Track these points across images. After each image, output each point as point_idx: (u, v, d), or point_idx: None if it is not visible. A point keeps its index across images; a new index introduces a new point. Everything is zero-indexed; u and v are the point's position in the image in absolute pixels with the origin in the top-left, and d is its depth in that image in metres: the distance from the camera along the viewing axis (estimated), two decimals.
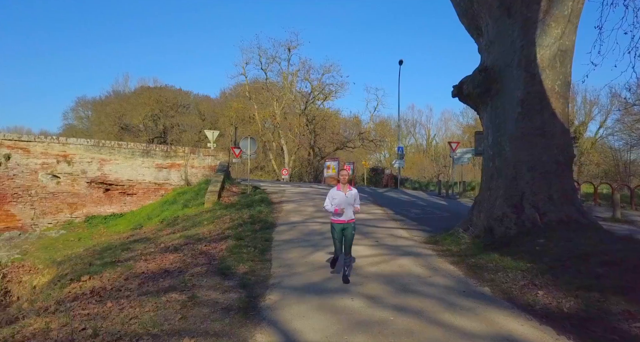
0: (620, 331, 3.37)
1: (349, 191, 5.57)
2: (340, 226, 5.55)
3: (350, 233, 5.57)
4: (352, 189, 5.64)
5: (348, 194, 5.53)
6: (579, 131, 38.64)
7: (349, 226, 5.57)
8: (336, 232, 5.56)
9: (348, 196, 5.52)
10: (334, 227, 5.58)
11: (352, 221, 5.60)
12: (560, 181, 6.81)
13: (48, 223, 16.71)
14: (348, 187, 5.63)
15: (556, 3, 6.64)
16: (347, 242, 5.56)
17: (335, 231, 5.57)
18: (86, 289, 6.24)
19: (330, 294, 5.00)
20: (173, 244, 8.92)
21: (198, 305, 4.67)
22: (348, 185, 5.67)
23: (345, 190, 5.57)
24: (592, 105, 37.99)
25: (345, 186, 5.62)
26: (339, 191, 5.57)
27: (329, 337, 3.72)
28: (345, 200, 5.48)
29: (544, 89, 6.77)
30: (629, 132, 28.15)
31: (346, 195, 5.51)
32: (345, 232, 5.56)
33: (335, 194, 5.57)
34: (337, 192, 5.57)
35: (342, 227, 5.55)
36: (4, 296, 9.15)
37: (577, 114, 39.95)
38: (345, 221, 5.54)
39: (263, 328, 4.00)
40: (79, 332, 3.84)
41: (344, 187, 5.60)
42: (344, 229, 5.55)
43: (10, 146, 16.29)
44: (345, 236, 5.57)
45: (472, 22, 7.76)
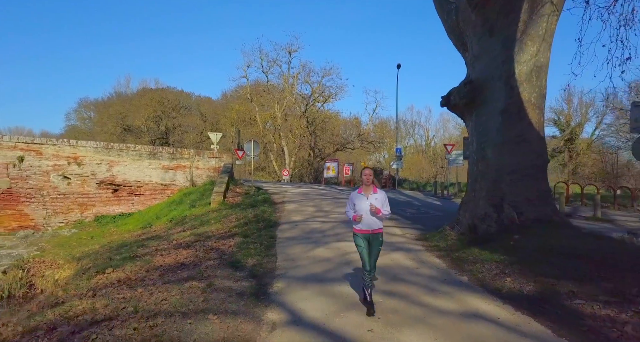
0: (563, 306, 4.19)
1: (372, 194, 4.68)
2: (365, 236, 4.66)
3: (376, 248, 4.68)
4: (377, 192, 4.73)
5: (372, 198, 4.64)
6: (575, 132, 39.49)
7: (375, 238, 4.66)
8: (362, 242, 4.70)
9: (372, 200, 4.62)
10: (358, 237, 4.71)
11: (379, 230, 4.67)
12: (536, 183, 7.62)
13: (59, 222, 17.53)
14: (373, 189, 4.74)
15: (532, 24, 7.45)
16: (372, 257, 4.69)
17: (360, 240, 4.71)
18: (112, 279, 7.05)
19: (330, 283, 5.81)
20: (185, 241, 9.73)
21: (216, 291, 5.48)
22: (373, 187, 4.77)
23: (369, 193, 4.69)
24: (588, 107, 38.82)
25: (369, 188, 4.74)
26: (361, 194, 4.71)
27: (327, 315, 4.53)
28: (367, 205, 4.60)
29: (522, 100, 7.58)
30: (616, 134, 29.00)
31: (368, 199, 4.64)
32: (371, 244, 4.67)
33: (357, 199, 4.71)
34: (359, 195, 4.72)
35: (368, 237, 4.66)
36: (29, 289, 9.95)
37: (573, 115, 40.81)
38: (369, 231, 4.62)
39: (273, 308, 4.80)
40: (121, 309, 4.65)
41: (367, 190, 4.73)
42: (369, 239, 4.67)
43: (24, 148, 17.12)
44: (371, 249, 4.68)
45: (458, 38, 8.57)
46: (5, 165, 16.74)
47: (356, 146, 36.58)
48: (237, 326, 4.25)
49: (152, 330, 4.07)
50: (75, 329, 4.16)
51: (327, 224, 10.68)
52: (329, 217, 11.93)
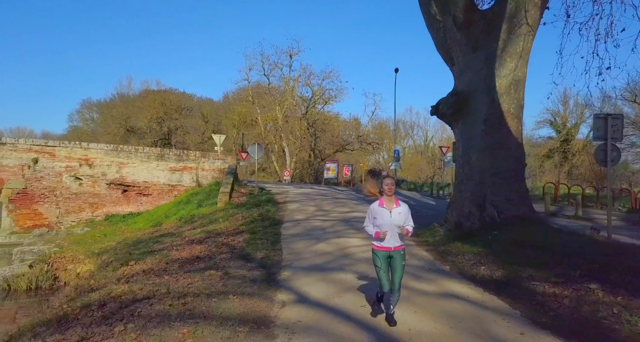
0: (522, 287, 5.14)
1: (395, 208, 4.26)
2: (385, 253, 4.27)
3: (400, 264, 4.27)
4: (400, 205, 4.30)
5: (394, 212, 4.23)
6: (571, 133, 40.44)
7: (396, 254, 4.27)
8: (380, 262, 4.28)
9: (394, 215, 4.22)
10: (377, 254, 4.32)
11: (400, 247, 4.29)
12: (515, 185, 8.57)
13: (71, 221, 18.47)
14: (395, 201, 4.31)
15: (510, 42, 8.39)
16: (396, 275, 4.27)
17: (379, 259, 4.30)
18: (137, 270, 7.97)
19: (329, 272, 6.74)
20: (197, 237, 10.66)
21: (232, 278, 6.41)
22: (395, 199, 4.33)
23: (391, 206, 4.27)
24: (584, 108, 39.73)
25: (391, 200, 4.29)
26: (383, 207, 4.27)
27: (328, 296, 5.46)
28: (391, 220, 4.20)
29: (502, 111, 8.52)
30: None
31: (392, 213, 4.23)
32: (392, 262, 4.28)
33: (377, 212, 4.28)
34: (380, 209, 4.28)
35: (388, 255, 4.27)
36: (54, 281, 10.89)
37: (569, 116, 41.78)
38: (391, 248, 4.25)
39: (282, 291, 5.74)
40: (155, 291, 5.59)
41: (389, 203, 4.28)
42: (390, 257, 4.28)
43: (38, 151, 18.06)
44: (393, 268, 4.29)
45: (446, 53, 9.51)
46: (20, 167, 17.69)
47: (355, 147, 37.58)
48: (254, 304, 5.18)
49: (184, 306, 5.01)
50: (122, 305, 5.10)
51: (327, 223, 11.61)
52: (329, 216, 12.86)
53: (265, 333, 4.24)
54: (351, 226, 10.80)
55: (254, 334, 4.19)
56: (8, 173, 17.47)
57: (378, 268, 4.35)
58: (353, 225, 10.99)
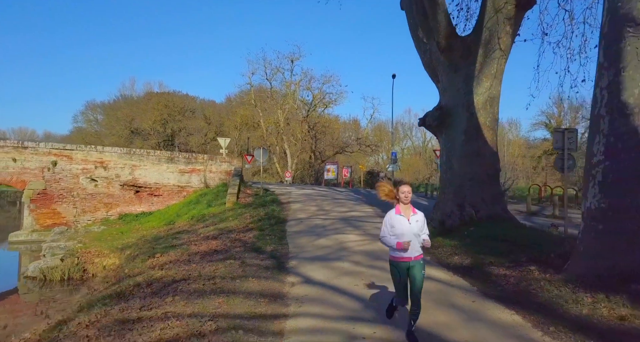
0: (483, 271, 6.53)
1: (413, 216, 4.15)
2: (405, 265, 4.10)
3: (420, 274, 4.10)
4: (417, 213, 4.21)
5: (412, 220, 4.11)
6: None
7: (416, 264, 4.11)
8: (399, 273, 4.15)
9: (413, 223, 4.10)
10: (395, 266, 4.17)
11: (419, 257, 4.15)
12: (490, 188, 9.97)
13: (87, 220, 19.86)
14: (412, 209, 4.21)
15: (486, 65, 9.78)
16: (416, 287, 4.08)
17: (397, 271, 4.16)
18: (163, 261, 9.34)
19: (330, 261, 8.12)
20: (211, 234, 12.03)
21: (248, 266, 7.79)
22: (412, 207, 4.23)
23: (409, 214, 4.15)
24: (578, 110, 41.16)
25: (407, 207, 4.17)
26: (400, 215, 4.13)
27: (328, 278, 6.83)
28: (410, 229, 4.07)
29: (479, 124, 9.91)
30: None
31: (410, 221, 4.10)
32: (412, 272, 4.09)
33: (395, 221, 4.12)
34: (398, 217, 4.12)
35: (407, 266, 4.10)
36: (83, 273, 12.26)
37: (563, 119, 43.16)
38: (411, 259, 4.09)
39: (290, 275, 7.12)
40: (188, 275, 6.98)
41: (406, 211, 4.16)
42: (409, 268, 4.10)
43: (57, 154, 19.46)
44: (412, 278, 4.10)
45: (432, 72, 10.90)
46: (41, 169, 19.09)
47: (355, 149, 38.99)
48: (269, 284, 6.56)
49: (214, 285, 6.39)
50: (165, 284, 6.49)
51: (328, 221, 13.00)
52: (329, 215, 14.25)
53: (280, 303, 5.63)
54: (349, 224, 12.18)
55: (273, 303, 5.58)
56: (29, 175, 18.88)
57: (397, 282, 4.19)
58: (351, 223, 12.38)
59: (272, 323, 4.80)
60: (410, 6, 10.72)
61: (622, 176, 4.97)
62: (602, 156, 5.17)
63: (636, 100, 4.87)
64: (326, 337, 4.36)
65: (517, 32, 9.94)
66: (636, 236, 4.76)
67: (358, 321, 4.81)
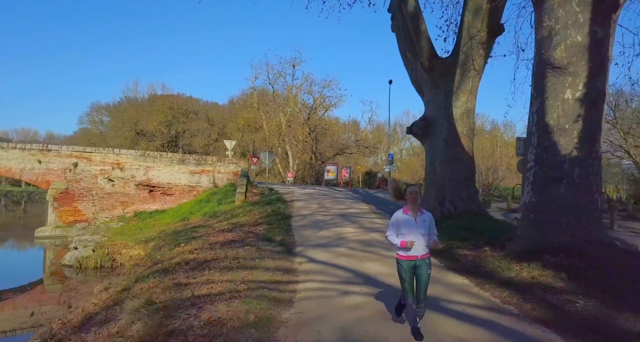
0: (452, 253, 8.38)
1: (420, 215, 4.38)
2: (411, 263, 4.32)
3: (426, 273, 4.32)
4: (424, 212, 4.44)
5: (420, 220, 4.34)
6: None
7: (422, 264, 4.32)
8: (405, 272, 4.34)
9: (420, 223, 4.32)
10: (402, 265, 4.37)
11: (426, 256, 4.36)
12: (466, 187, 11.81)
13: (105, 217, 21.71)
14: (419, 209, 4.42)
15: (463, 82, 11.62)
16: (422, 285, 4.30)
17: (403, 270, 4.35)
18: (188, 249, 11.16)
19: (329, 247, 9.95)
20: (225, 228, 13.85)
21: (263, 251, 9.62)
22: (419, 207, 4.44)
23: (416, 214, 4.37)
24: None
25: (415, 208, 4.39)
26: (407, 215, 4.35)
27: (328, 259, 8.67)
28: (416, 228, 4.29)
29: (457, 132, 11.75)
30: None
31: (417, 221, 4.32)
32: (418, 271, 4.32)
33: (402, 220, 4.35)
34: (405, 216, 4.35)
35: (413, 265, 4.32)
36: (113, 262, 14.11)
37: None
38: (417, 257, 4.30)
39: (298, 257, 8.95)
40: (216, 256, 8.81)
41: (413, 210, 4.37)
42: (416, 267, 4.32)
43: (77, 156, 21.30)
44: (418, 277, 4.32)
45: (418, 87, 12.74)
46: (63, 170, 20.93)
47: (353, 151, 40.86)
48: (282, 263, 8.40)
49: (239, 263, 8.22)
50: (199, 263, 8.32)
51: (328, 217, 14.83)
52: (329, 212, 16.08)
53: (292, 274, 7.46)
54: (347, 219, 14.01)
55: (286, 275, 7.42)
56: (53, 176, 20.72)
57: (403, 280, 4.35)
58: (349, 219, 14.21)
59: (287, 285, 6.64)
60: (399, 31, 12.56)
61: (545, 179, 6.81)
62: (533, 163, 7.01)
63: (555, 122, 6.70)
64: (326, 292, 6.21)
65: (490, 54, 11.78)
66: (548, 223, 6.60)
67: (350, 284, 6.66)
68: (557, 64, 6.60)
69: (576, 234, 6.38)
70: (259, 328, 4.71)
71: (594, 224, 6.50)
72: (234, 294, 6.02)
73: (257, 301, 5.66)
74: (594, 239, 6.35)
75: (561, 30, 6.52)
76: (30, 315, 9.82)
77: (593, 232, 6.43)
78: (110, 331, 5.45)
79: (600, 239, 6.43)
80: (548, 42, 6.69)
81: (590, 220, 6.50)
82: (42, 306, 10.70)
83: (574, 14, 6.39)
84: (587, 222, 6.48)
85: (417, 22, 11.22)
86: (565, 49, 6.51)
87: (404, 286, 4.41)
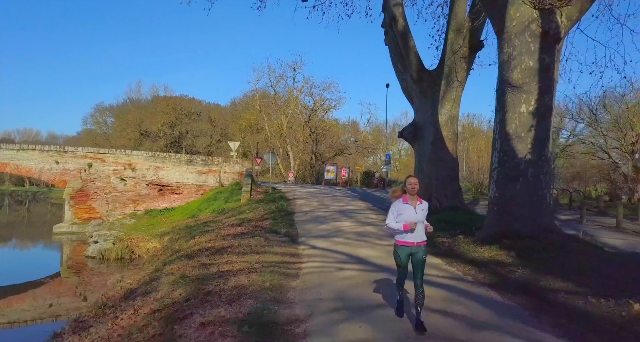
0: (435, 241, 9.93)
1: (419, 204, 4.68)
2: (407, 249, 4.61)
3: (421, 259, 4.60)
4: (422, 202, 4.76)
5: (419, 208, 4.64)
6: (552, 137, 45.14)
7: (419, 250, 4.62)
8: (401, 258, 4.63)
9: (419, 211, 4.63)
10: (399, 250, 4.66)
11: (423, 243, 4.66)
12: (450, 185, 13.37)
13: (118, 215, 23.27)
14: (418, 199, 4.70)
15: (447, 92, 13.18)
16: (418, 270, 4.57)
17: (400, 255, 4.64)
18: (203, 241, 12.70)
19: (329, 237, 11.50)
20: (234, 222, 15.39)
21: (271, 240, 11.16)
22: (418, 197, 4.72)
23: (415, 203, 4.66)
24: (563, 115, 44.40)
25: (414, 197, 4.68)
26: (407, 204, 4.63)
27: (327, 246, 10.22)
28: (416, 216, 4.59)
29: (442, 137, 13.31)
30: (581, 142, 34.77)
31: (416, 209, 4.62)
32: (414, 258, 4.61)
33: (402, 208, 4.62)
34: (405, 205, 4.63)
35: (410, 251, 4.61)
36: (132, 254, 15.67)
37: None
38: (414, 243, 4.60)
39: (302, 245, 10.51)
40: (231, 245, 10.37)
41: (412, 200, 4.67)
42: (412, 254, 4.61)
43: (92, 157, 22.87)
44: (414, 263, 4.60)
45: (409, 96, 14.30)
46: (78, 171, 22.50)
47: (352, 151, 42.49)
48: (288, 249, 9.95)
49: (251, 250, 9.77)
50: (217, 250, 9.88)
51: (327, 213, 16.40)
52: (328, 209, 17.64)
53: (297, 257, 9.02)
54: (344, 215, 15.56)
55: (292, 258, 8.97)
56: (69, 175, 22.29)
57: (399, 266, 4.65)
58: (346, 214, 15.76)
59: (293, 265, 8.21)
60: (391, 44, 14.12)
61: (506, 177, 8.37)
62: (497, 164, 8.57)
63: (513, 131, 8.25)
64: (325, 268, 7.78)
65: (472, 67, 13.34)
66: (507, 214, 8.17)
67: (345, 263, 8.23)
68: (514, 84, 8.16)
69: (529, 222, 7.95)
70: (274, 291, 6.26)
71: (544, 215, 8.08)
72: (251, 270, 7.58)
73: (270, 274, 7.21)
74: (543, 226, 7.92)
75: (517, 56, 8.07)
76: (49, 306, 10.62)
77: (543, 221, 8.00)
78: (156, 296, 7.01)
79: (548, 226, 8.00)
80: (507, 65, 8.25)
81: (540, 211, 8.07)
82: (59, 298, 11.64)
83: (527, 44, 7.94)
84: (538, 213, 8.05)
85: (406, 39, 12.79)
86: (520, 72, 8.07)
87: (399, 270, 4.75)
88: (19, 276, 14.56)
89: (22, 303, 11.22)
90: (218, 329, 4.59)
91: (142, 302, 7.02)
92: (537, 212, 8.05)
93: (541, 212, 8.06)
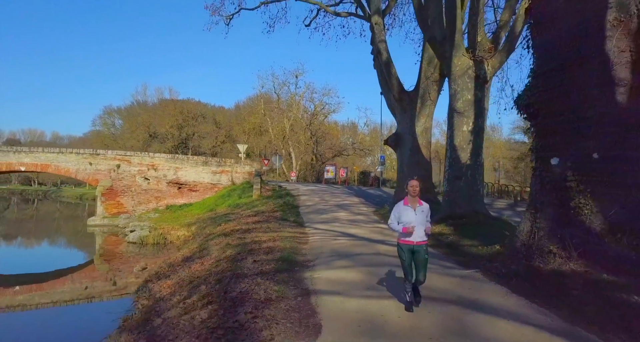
0: None
1: (419, 206, 4.99)
2: (409, 247, 4.94)
3: (423, 258, 4.92)
4: (422, 204, 5.06)
5: (418, 211, 4.95)
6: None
7: (420, 249, 4.92)
8: (404, 253, 4.98)
9: (418, 213, 4.94)
10: (402, 248, 5.00)
11: (423, 242, 4.96)
12: (425, 184, 17.09)
13: (142, 210, 26.98)
14: (418, 201, 5.02)
15: (423, 109, 16.88)
16: (421, 268, 4.94)
17: (403, 252, 4.99)
18: (229, 227, 16.37)
19: (328, 223, 15.20)
20: (250, 214, 19.08)
21: (283, 225, 14.85)
22: (418, 199, 5.03)
23: (415, 205, 4.98)
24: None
25: (415, 200, 5.01)
26: (408, 206, 4.98)
27: (327, 228, 13.91)
28: (416, 218, 4.89)
29: (419, 144, 17.03)
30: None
31: (416, 212, 4.93)
32: (415, 256, 4.93)
33: (403, 210, 4.99)
34: (405, 207, 4.98)
35: (411, 248, 4.93)
36: (165, 240, 19.36)
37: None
38: (414, 242, 4.90)
39: (307, 228, 14.21)
40: (255, 227, 14.07)
41: (413, 202, 5.00)
42: (414, 251, 4.93)
43: (120, 159, 26.58)
44: (416, 261, 4.93)
45: (392, 111, 18.00)
46: (108, 171, 26.21)
47: (350, 153, 46.29)
48: (297, 230, 13.64)
49: (270, 229, 13.47)
50: (245, 230, 13.59)
51: (327, 206, 20.13)
52: (328, 203, 21.38)
53: (304, 234, 12.70)
54: (341, 208, 19.29)
55: (301, 234, 12.66)
56: (101, 175, 25.99)
57: (403, 260, 5.03)
58: (343, 207, 19.49)
59: (303, 237, 11.92)
60: (378, 69, 17.83)
61: (453, 177, 12.07)
62: (448, 168, 12.27)
63: (458, 144, 11.94)
64: (325, 239, 11.51)
65: (442, 88, 17.04)
66: (453, 202, 11.89)
67: (338, 237, 11.95)
68: (458, 111, 11.87)
69: (467, 208, 11.67)
70: (292, 249, 9.97)
71: (477, 202, 11.80)
72: (275, 241, 11.29)
73: (288, 242, 10.92)
74: (476, 211, 11.64)
75: (460, 91, 11.78)
76: (85, 289, 13.10)
77: (476, 207, 11.72)
78: (211, 257, 10.70)
79: (481, 211, 11.72)
80: (454, 97, 11.96)
81: (475, 200, 11.79)
82: (93, 282, 14.42)
83: (466, 83, 11.64)
84: (473, 201, 11.76)
85: (389, 67, 16.50)
86: (462, 102, 11.77)
87: (404, 266, 5.07)
88: (57, 262, 17.91)
89: (61, 286, 13.90)
90: (265, 263, 8.31)
91: (203, 260, 10.73)
92: (473, 200, 11.77)
93: (475, 201, 11.79)
